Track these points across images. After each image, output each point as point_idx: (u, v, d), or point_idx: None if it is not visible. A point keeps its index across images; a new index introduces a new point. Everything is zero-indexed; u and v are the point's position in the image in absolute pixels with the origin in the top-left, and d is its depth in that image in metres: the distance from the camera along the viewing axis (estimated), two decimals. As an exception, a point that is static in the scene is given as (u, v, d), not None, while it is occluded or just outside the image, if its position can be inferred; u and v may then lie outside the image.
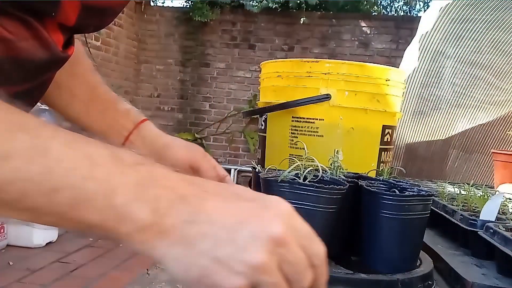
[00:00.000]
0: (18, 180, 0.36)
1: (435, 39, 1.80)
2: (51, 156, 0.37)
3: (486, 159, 2.08)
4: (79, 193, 0.37)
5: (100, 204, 0.37)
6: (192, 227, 0.38)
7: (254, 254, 0.38)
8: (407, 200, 0.63)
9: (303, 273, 0.40)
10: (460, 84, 1.91)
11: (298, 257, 0.40)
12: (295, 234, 0.40)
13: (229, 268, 0.38)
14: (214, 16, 5.42)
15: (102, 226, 0.38)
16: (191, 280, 0.39)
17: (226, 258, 0.38)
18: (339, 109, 0.92)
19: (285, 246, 0.39)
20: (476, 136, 2.04)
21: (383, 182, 0.73)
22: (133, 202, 0.38)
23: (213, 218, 0.39)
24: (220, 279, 0.38)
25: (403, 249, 0.65)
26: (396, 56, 5.03)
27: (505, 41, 1.78)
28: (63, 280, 2.84)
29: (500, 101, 1.95)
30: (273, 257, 0.38)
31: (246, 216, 0.40)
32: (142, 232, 0.38)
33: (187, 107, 5.73)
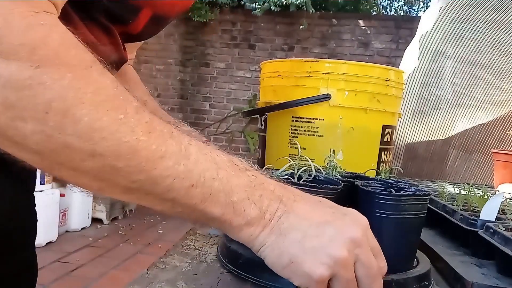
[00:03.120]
0: (168, 176, 0.43)
1: (435, 39, 1.80)
2: (191, 159, 0.45)
3: (486, 159, 2.08)
4: (209, 190, 0.45)
5: (222, 200, 0.45)
6: (285, 221, 0.46)
7: (338, 249, 0.45)
8: (402, 200, 0.62)
9: (374, 278, 0.47)
10: (460, 84, 1.91)
11: (371, 262, 0.47)
12: (369, 244, 0.47)
13: (316, 258, 0.45)
14: (213, 17, 5.41)
15: (221, 219, 0.46)
16: (282, 266, 0.46)
17: (313, 249, 0.45)
18: (339, 109, 0.92)
19: (361, 248, 0.46)
20: (476, 136, 2.04)
21: (380, 182, 0.72)
22: (245, 200, 0.46)
23: (302, 215, 0.47)
24: (307, 266, 0.44)
25: (399, 249, 0.64)
26: (396, 56, 5.03)
27: (505, 41, 1.78)
28: (63, 280, 2.84)
29: (500, 101, 1.95)
30: (351, 255, 0.45)
31: (329, 218, 0.47)
32: (249, 225, 0.46)
33: (187, 107, 5.73)
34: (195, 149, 0.46)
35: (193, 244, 0.80)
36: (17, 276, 0.81)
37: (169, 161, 0.43)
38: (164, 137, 0.44)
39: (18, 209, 0.81)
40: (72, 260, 3.21)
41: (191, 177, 0.44)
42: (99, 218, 4.13)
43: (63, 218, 3.69)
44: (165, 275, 0.63)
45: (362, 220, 0.49)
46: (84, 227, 3.95)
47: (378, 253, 0.48)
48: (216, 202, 0.45)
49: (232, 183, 0.46)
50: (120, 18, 0.59)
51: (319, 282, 0.44)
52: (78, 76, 0.40)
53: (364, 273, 0.46)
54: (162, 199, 0.45)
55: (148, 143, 0.42)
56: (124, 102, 0.43)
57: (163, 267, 0.66)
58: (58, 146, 0.40)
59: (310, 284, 0.45)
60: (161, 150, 0.43)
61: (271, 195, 0.47)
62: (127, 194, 0.45)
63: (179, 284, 0.59)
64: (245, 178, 0.47)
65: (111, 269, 3.10)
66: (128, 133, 0.42)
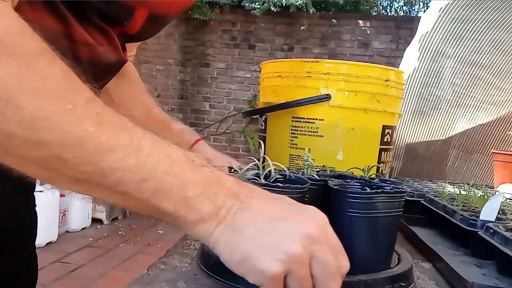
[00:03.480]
0: (118, 169, 0.43)
1: (435, 39, 1.80)
2: (143, 152, 0.44)
3: (486, 159, 2.07)
4: (161, 185, 0.44)
5: (175, 195, 0.45)
6: (240, 217, 0.45)
7: (292, 244, 0.43)
8: (372, 198, 0.60)
9: (331, 276, 0.45)
10: (460, 84, 1.91)
11: (328, 260, 0.45)
12: (327, 241, 0.46)
13: (269, 254, 0.43)
14: (213, 15, 5.41)
15: (174, 214, 0.45)
16: (236, 263, 0.45)
17: (266, 245, 0.44)
18: (339, 109, 0.92)
19: (317, 244, 0.45)
20: (476, 136, 2.04)
21: (359, 181, 0.70)
22: (200, 196, 0.45)
23: (258, 212, 0.46)
24: (260, 263, 0.43)
25: (371, 249, 0.62)
26: (396, 56, 5.03)
27: (506, 41, 1.78)
28: (63, 280, 2.84)
29: (500, 101, 1.95)
30: (306, 252, 0.44)
31: (285, 214, 0.46)
32: (204, 221, 0.45)
33: (187, 107, 5.73)
34: (149, 143, 0.45)
35: (193, 244, 0.80)
36: (17, 276, 0.81)
37: (118, 154, 0.43)
38: (115, 129, 0.44)
39: (18, 210, 0.81)
40: (72, 260, 3.21)
41: (142, 170, 0.43)
42: (99, 219, 4.13)
43: (63, 218, 3.69)
44: (165, 275, 0.63)
45: (320, 216, 0.48)
46: (84, 227, 3.95)
47: (338, 251, 0.47)
48: (168, 197, 0.45)
49: (187, 178, 0.45)
50: (115, 19, 0.60)
51: (273, 279, 0.43)
52: (24, 64, 0.40)
53: (320, 270, 0.45)
54: (113, 192, 0.44)
55: (96, 134, 0.42)
56: (73, 92, 0.42)
57: (163, 267, 0.66)
58: (2, 134, 0.40)
59: (264, 281, 0.44)
60: (110, 142, 0.43)
61: (228, 191, 0.46)
62: (76, 185, 0.44)
63: (179, 284, 0.59)
64: (201, 174, 0.46)
65: (111, 269, 3.10)
66: (74, 123, 0.41)
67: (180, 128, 0.87)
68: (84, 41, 0.57)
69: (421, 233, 0.99)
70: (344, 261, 0.47)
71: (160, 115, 0.88)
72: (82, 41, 0.56)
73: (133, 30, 0.63)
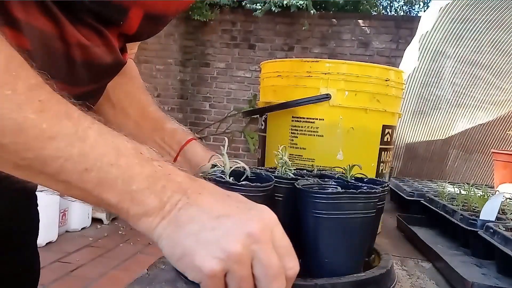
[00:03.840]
0: (59, 158, 0.42)
1: (435, 39, 1.80)
2: (87, 142, 0.43)
3: (486, 159, 2.08)
4: (104, 176, 0.44)
5: (119, 187, 0.44)
6: (184, 213, 0.44)
7: (231, 243, 0.43)
8: (337, 198, 0.57)
9: (273, 277, 0.44)
10: (460, 84, 1.91)
11: (271, 260, 0.44)
12: (274, 241, 0.45)
13: (208, 251, 0.43)
14: (213, 16, 5.41)
15: (117, 206, 0.45)
16: (176, 258, 0.44)
17: (207, 242, 0.43)
18: (339, 109, 0.92)
19: (260, 244, 0.43)
20: (476, 136, 2.04)
21: (338, 181, 0.67)
22: (145, 190, 0.44)
23: (203, 208, 0.45)
24: (198, 259, 0.43)
25: (338, 252, 0.59)
26: (396, 56, 5.03)
27: (505, 41, 1.78)
28: (63, 280, 2.85)
29: (500, 101, 1.95)
30: (247, 251, 0.43)
31: (231, 212, 0.45)
32: (147, 216, 0.45)
33: (187, 107, 5.73)
34: (95, 133, 0.45)
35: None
36: (18, 276, 0.81)
37: (61, 142, 0.42)
38: (59, 117, 0.43)
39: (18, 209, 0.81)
40: (72, 260, 3.21)
41: (86, 161, 0.43)
42: (99, 218, 4.13)
43: (63, 218, 3.69)
44: (165, 275, 0.63)
45: (268, 216, 0.46)
46: (84, 227, 3.95)
47: (287, 253, 0.46)
48: (112, 188, 0.44)
49: (133, 171, 0.45)
50: (109, 19, 0.59)
51: (210, 277, 0.43)
52: None
53: (262, 271, 0.44)
54: (56, 180, 0.44)
55: (37, 121, 0.41)
56: (15, 79, 0.42)
57: (163, 267, 0.66)
58: None
59: (202, 278, 0.43)
60: (52, 130, 0.42)
61: (176, 186, 0.46)
62: (18, 170, 0.44)
63: (179, 284, 0.59)
64: (149, 168, 0.46)
65: (111, 269, 3.10)
66: (14, 109, 0.41)
67: (173, 128, 0.86)
68: (77, 43, 0.56)
69: (421, 232, 0.99)
70: (292, 263, 0.46)
71: (154, 114, 0.87)
72: (76, 42, 0.56)
73: (131, 30, 0.63)
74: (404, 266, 0.83)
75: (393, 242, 0.98)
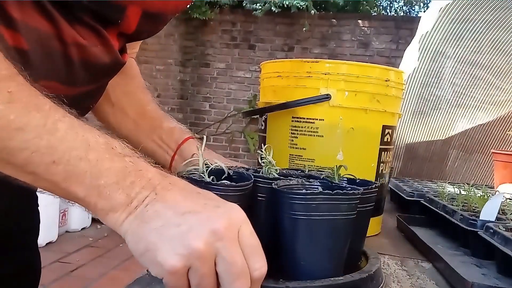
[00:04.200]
0: (27, 149, 0.43)
1: (435, 39, 1.80)
2: (57, 135, 0.43)
3: (486, 159, 2.08)
4: (72, 169, 0.44)
5: (87, 181, 0.44)
6: (150, 209, 0.44)
7: (194, 239, 0.42)
8: (314, 199, 0.55)
9: (236, 276, 0.43)
10: (460, 84, 1.91)
11: (235, 259, 0.43)
12: (240, 240, 0.44)
13: (170, 247, 0.42)
14: (213, 15, 5.41)
15: (85, 200, 0.45)
16: (139, 253, 0.44)
17: (169, 238, 0.43)
18: (339, 109, 0.92)
19: (224, 242, 0.43)
20: (476, 136, 2.04)
21: (322, 181, 0.66)
22: (113, 185, 0.45)
23: (169, 205, 0.45)
24: (160, 255, 0.42)
25: (314, 254, 0.57)
26: (396, 56, 5.03)
27: (505, 41, 1.78)
28: (63, 280, 2.85)
29: (500, 101, 1.95)
30: (210, 248, 0.43)
31: (198, 209, 0.45)
32: (114, 211, 0.45)
33: (187, 107, 5.73)
34: (65, 126, 0.44)
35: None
36: (18, 276, 0.81)
37: (29, 134, 0.42)
38: (28, 109, 0.43)
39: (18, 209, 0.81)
40: (72, 260, 3.21)
41: (53, 153, 0.43)
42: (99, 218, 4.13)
43: (63, 218, 3.69)
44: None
45: (236, 214, 0.46)
46: (84, 227, 3.95)
47: (254, 253, 0.45)
48: (80, 182, 0.44)
49: (103, 166, 0.45)
50: (107, 18, 0.59)
51: (171, 273, 0.42)
52: None
53: (224, 269, 0.43)
54: (23, 171, 0.44)
55: (4, 112, 0.42)
56: None
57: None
58: None
59: (163, 274, 0.43)
60: (20, 122, 0.42)
61: (145, 182, 0.46)
62: None
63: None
64: (120, 163, 0.46)
65: (111, 269, 3.10)
66: None
67: (171, 126, 0.86)
68: (75, 42, 0.56)
69: (421, 233, 0.99)
70: (258, 264, 0.45)
71: (153, 113, 0.87)
72: (73, 42, 0.55)
73: (130, 29, 0.62)
74: (404, 266, 0.83)
75: (393, 242, 0.98)
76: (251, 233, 0.46)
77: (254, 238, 0.46)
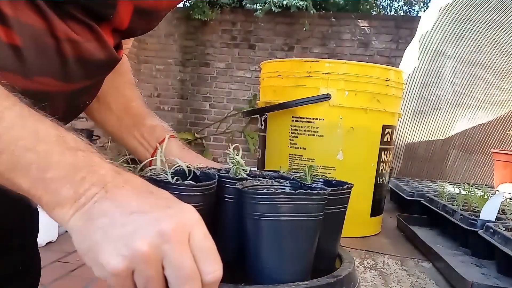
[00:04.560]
0: None
1: (435, 39, 1.80)
2: (3, 124, 0.42)
3: (486, 159, 2.08)
4: (18, 160, 0.42)
5: (33, 174, 0.43)
6: (98, 206, 0.42)
7: (138, 241, 0.40)
8: (275, 199, 0.52)
9: (184, 280, 0.41)
10: (460, 84, 1.91)
11: (183, 262, 0.41)
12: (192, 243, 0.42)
13: (114, 248, 0.41)
14: (214, 15, 5.42)
15: (29, 193, 0.44)
16: (83, 253, 0.42)
17: (114, 238, 0.41)
18: (339, 109, 0.92)
19: (171, 244, 0.41)
20: (476, 136, 2.04)
21: (292, 182, 0.64)
22: (61, 180, 0.43)
23: (118, 203, 0.43)
24: (103, 256, 0.41)
25: (279, 258, 0.54)
26: (396, 56, 5.03)
27: (505, 41, 1.78)
28: (63, 280, 2.85)
29: (500, 101, 1.95)
30: (155, 250, 0.41)
31: (147, 209, 0.43)
32: (61, 206, 0.43)
33: (187, 107, 5.73)
34: (14, 115, 0.43)
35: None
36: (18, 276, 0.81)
37: None
38: None
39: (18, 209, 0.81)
40: (72, 260, 3.21)
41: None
42: (99, 218, 4.13)
43: (63, 218, 3.69)
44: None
45: (187, 216, 0.43)
46: (84, 227, 3.94)
47: (207, 256, 0.43)
48: (25, 174, 0.43)
49: (52, 159, 0.43)
50: (98, 14, 0.58)
51: (114, 275, 0.40)
52: None
53: (172, 273, 0.41)
54: None
55: None
56: None
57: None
58: None
59: (106, 275, 0.41)
60: None
61: (96, 179, 0.43)
62: None
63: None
64: (71, 158, 0.44)
65: (111, 269, 3.10)
66: None
67: (153, 124, 0.85)
68: (68, 38, 0.55)
69: (421, 232, 0.99)
70: (212, 267, 0.42)
71: (136, 109, 0.86)
72: (66, 37, 0.55)
73: (123, 26, 0.62)
74: (404, 266, 0.83)
75: (393, 242, 0.98)
76: (205, 235, 0.43)
77: (207, 240, 0.43)
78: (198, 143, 5.65)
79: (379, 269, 0.80)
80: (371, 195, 0.97)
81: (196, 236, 0.42)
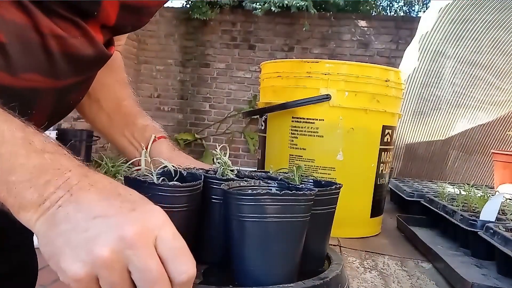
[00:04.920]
0: None
1: (435, 39, 1.80)
2: None
3: (486, 159, 2.08)
4: None
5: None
6: (62, 210, 0.42)
7: (99, 246, 0.39)
8: (260, 200, 0.51)
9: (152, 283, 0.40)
10: (460, 84, 1.91)
11: (149, 266, 0.40)
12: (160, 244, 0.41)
13: (75, 254, 0.40)
14: (214, 15, 5.42)
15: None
16: (46, 257, 0.42)
17: (75, 244, 0.40)
18: (339, 109, 0.92)
19: (134, 249, 0.40)
20: (476, 136, 2.04)
21: (280, 182, 0.63)
22: (25, 183, 0.42)
23: (81, 207, 0.42)
24: (64, 261, 0.40)
25: (264, 259, 0.54)
26: (396, 56, 5.03)
27: (506, 41, 1.78)
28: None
29: (500, 101, 1.95)
30: (117, 256, 0.40)
31: (111, 212, 0.41)
32: (25, 210, 0.43)
33: (187, 108, 5.74)
34: None
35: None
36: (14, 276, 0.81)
37: None
38: None
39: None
40: (72, 260, 3.20)
41: None
42: (99, 219, 4.12)
43: (63, 218, 3.69)
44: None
45: (152, 218, 0.42)
46: (84, 228, 3.94)
47: (178, 255, 0.42)
48: None
49: (16, 162, 0.42)
50: (82, 10, 0.57)
51: (76, 281, 0.40)
52: None
53: (139, 277, 0.40)
54: None
55: None
56: None
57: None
58: None
59: (68, 281, 0.40)
60: None
61: (62, 182, 0.42)
62: None
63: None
64: (36, 160, 0.43)
65: (111, 269, 3.10)
66: None
67: (145, 124, 0.84)
68: (52, 34, 0.55)
69: (421, 233, 0.99)
70: (184, 267, 0.42)
71: (128, 109, 0.85)
72: (51, 33, 0.54)
73: (110, 22, 0.61)
74: (404, 267, 0.83)
75: (393, 242, 0.98)
76: (173, 236, 0.42)
77: (176, 240, 0.42)
78: (198, 143, 5.65)
79: (379, 270, 0.80)
80: (371, 196, 0.97)
81: (164, 237, 0.42)
